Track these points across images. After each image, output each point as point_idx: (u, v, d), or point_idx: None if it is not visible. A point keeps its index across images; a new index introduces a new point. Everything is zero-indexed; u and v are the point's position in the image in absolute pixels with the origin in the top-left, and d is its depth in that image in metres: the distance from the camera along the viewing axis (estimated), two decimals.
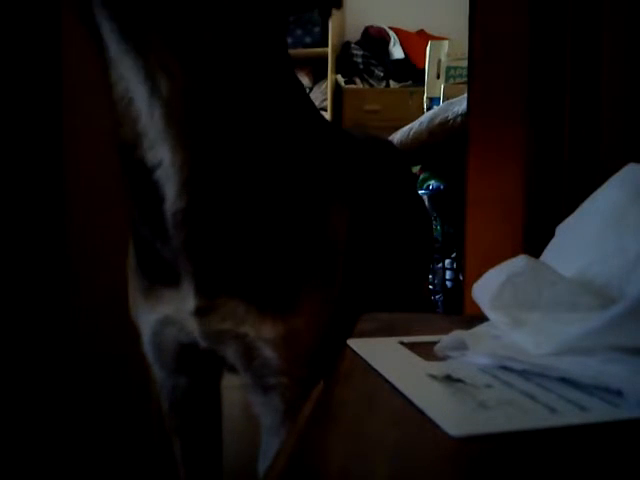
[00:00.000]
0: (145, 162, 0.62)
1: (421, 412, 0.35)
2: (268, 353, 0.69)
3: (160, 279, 0.70)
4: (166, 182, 0.62)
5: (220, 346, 0.70)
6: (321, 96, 3.84)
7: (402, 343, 0.50)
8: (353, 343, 0.50)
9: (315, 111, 0.81)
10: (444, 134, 1.74)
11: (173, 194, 0.63)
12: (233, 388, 0.87)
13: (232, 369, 0.75)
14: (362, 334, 0.54)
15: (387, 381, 0.40)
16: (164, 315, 0.71)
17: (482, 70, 0.98)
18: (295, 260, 0.70)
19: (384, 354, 0.48)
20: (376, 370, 0.43)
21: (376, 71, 3.95)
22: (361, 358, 0.46)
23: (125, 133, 0.62)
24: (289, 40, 3.72)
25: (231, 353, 0.70)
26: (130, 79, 0.59)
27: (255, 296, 0.68)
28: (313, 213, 0.72)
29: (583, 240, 0.52)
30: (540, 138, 0.96)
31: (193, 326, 0.69)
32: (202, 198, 0.64)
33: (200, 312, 0.68)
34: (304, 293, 0.70)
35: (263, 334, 0.68)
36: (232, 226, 0.66)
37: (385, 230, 0.96)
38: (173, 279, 0.68)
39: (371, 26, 4.03)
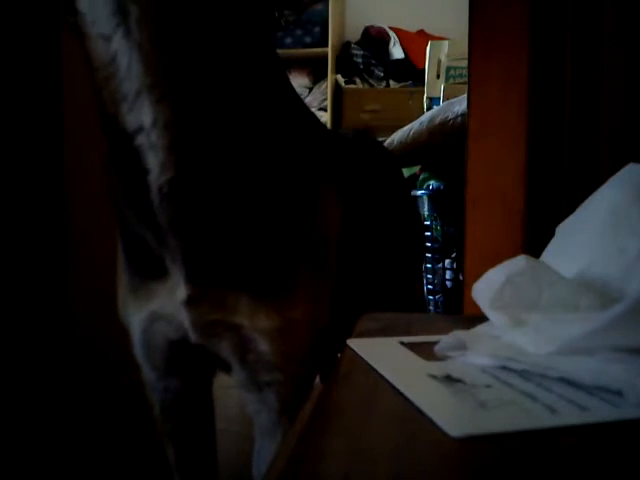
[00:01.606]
0: (127, 131, 0.58)
1: (421, 412, 0.35)
2: (263, 347, 0.66)
3: (148, 273, 0.67)
4: (149, 150, 0.58)
5: (212, 340, 0.68)
6: (321, 96, 3.84)
7: (402, 343, 0.50)
8: (353, 343, 0.50)
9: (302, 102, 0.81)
10: (444, 134, 1.74)
11: (157, 164, 0.59)
12: (226, 388, 0.86)
13: (224, 367, 0.73)
14: (362, 334, 0.54)
15: (387, 381, 0.40)
16: (152, 311, 0.68)
17: (482, 70, 0.97)
18: (289, 248, 0.68)
19: (384, 354, 0.48)
20: (376, 370, 0.43)
21: (376, 71, 3.94)
22: (361, 358, 0.46)
23: (106, 102, 0.59)
24: (289, 40, 3.74)
25: (224, 348, 0.68)
26: (101, 20, 0.56)
27: (248, 283, 0.65)
28: (307, 201, 0.71)
29: (583, 240, 0.52)
30: (540, 138, 0.96)
31: (184, 318, 0.66)
32: (188, 169, 0.60)
33: (191, 301, 0.65)
34: (299, 282, 0.68)
35: (257, 324, 0.65)
36: (222, 204, 0.63)
37: (375, 224, 0.95)
38: (161, 271, 0.66)
39: (371, 26, 4.03)
